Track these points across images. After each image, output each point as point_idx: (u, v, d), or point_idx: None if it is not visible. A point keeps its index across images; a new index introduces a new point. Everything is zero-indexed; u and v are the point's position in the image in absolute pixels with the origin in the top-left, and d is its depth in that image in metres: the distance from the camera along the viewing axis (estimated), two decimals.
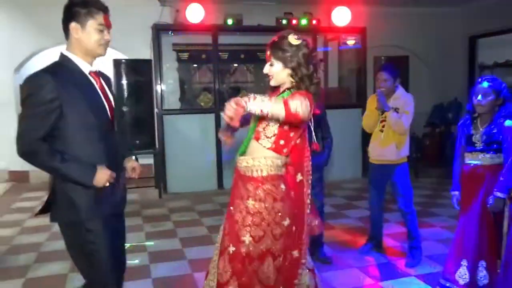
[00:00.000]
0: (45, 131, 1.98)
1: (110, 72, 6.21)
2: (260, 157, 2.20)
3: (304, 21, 7.08)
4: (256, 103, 1.93)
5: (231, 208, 2.27)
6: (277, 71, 2.21)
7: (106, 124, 2.17)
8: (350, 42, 7.95)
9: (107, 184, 2.07)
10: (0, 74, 6.92)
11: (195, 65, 7.82)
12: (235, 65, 7.96)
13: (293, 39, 2.17)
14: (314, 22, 7.15)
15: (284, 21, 7.00)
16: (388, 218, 4.79)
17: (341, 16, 7.21)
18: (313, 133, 2.29)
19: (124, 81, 6.13)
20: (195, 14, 6.49)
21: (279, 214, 2.18)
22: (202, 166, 6.61)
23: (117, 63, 6.16)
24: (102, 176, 2.05)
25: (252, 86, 8.03)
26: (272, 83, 2.27)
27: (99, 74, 2.22)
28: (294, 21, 7.04)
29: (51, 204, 2.13)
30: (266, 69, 2.25)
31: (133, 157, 2.46)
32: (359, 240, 4.36)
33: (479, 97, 2.90)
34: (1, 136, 6.53)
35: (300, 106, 1.96)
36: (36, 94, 1.97)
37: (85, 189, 2.05)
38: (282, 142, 2.20)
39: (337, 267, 3.76)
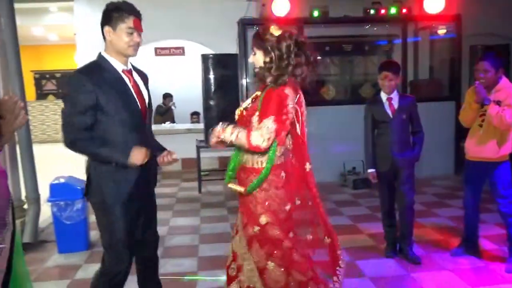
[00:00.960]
0: (85, 123, 2.24)
1: (198, 67, 6.43)
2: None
3: (393, 10, 6.79)
4: (227, 135, 2.17)
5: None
6: (258, 60, 2.28)
7: (137, 118, 2.37)
8: (442, 31, 7.49)
9: (144, 161, 2.26)
10: None
11: None
12: (319, 58, 7.82)
13: (274, 29, 2.23)
14: (404, 10, 6.83)
15: (372, 11, 6.75)
16: (486, 219, 4.46)
17: (434, 3, 6.78)
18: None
19: (211, 76, 6.30)
20: (281, 7, 6.49)
21: (282, 199, 2.29)
22: None
23: (204, 58, 6.36)
24: (138, 154, 2.25)
25: (335, 79, 7.88)
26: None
27: (135, 71, 2.44)
28: (382, 11, 6.77)
29: (87, 187, 2.44)
30: (250, 58, 2.34)
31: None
32: (451, 241, 4.12)
33: None
34: None
35: (261, 137, 2.09)
36: (75, 94, 2.24)
37: (112, 177, 2.31)
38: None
39: (427, 268, 3.60)
